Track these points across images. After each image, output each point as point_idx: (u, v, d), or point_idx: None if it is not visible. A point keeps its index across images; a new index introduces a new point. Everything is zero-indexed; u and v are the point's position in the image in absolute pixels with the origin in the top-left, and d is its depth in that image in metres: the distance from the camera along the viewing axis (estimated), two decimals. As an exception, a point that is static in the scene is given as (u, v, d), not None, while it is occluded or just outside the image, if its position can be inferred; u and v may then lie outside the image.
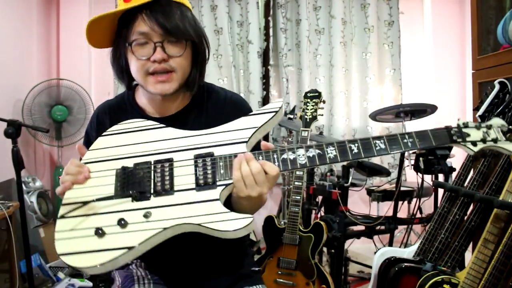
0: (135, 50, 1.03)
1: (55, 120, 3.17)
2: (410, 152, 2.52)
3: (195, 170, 0.94)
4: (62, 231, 0.88)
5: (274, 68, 3.75)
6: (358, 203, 3.46)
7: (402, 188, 2.53)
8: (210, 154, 0.95)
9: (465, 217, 1.63)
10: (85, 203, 0.92)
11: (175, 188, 0.93)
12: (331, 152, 0.90)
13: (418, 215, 2.51)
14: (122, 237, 0.86)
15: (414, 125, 3.08)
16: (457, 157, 2.52)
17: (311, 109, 2.14)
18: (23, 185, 2.44)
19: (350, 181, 2.26)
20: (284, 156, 0.91)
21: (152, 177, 0.94)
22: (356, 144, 0.90)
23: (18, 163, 2.12)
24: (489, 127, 0.93)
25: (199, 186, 0.92)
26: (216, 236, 0.87)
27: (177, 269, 1.11)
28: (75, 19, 3.52)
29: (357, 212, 2.43)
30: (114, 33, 1.09)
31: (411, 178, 2.98)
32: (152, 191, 0.93)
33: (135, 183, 0.93)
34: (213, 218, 0.87)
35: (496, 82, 1.63)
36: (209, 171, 0.93)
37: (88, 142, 1.12)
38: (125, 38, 1.04)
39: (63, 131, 3.23)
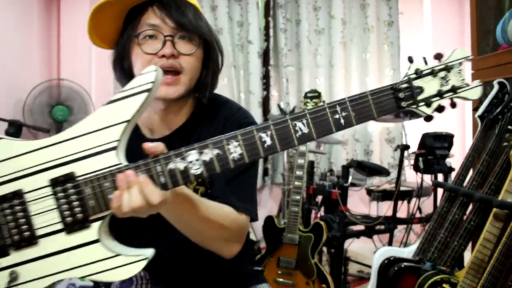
0: (141, 43, 0.94)
1: (56, 120, 3.17)
2: (410, 152, 2.53)
3: (57, 203, 0.70)
4: None
5: (274, 68, 3.76)
6: (357, 203, 3.47)
7: (401, 188, 2.53)
8: (71, 176, 0.70)
9: (465, 217, 1.63)
10: None
11: (37, 232, 0.70)
12: (235, 150, 0.67)
13: (418, 215, 2.52)
14: None
15: (414, 125, 3.09)
16: (456, 157, 2.53)
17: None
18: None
19: (349, 181, 2.27)
20: (171, 166, 0.67)
21: (2, 223, 0.71)
22: (269, 132, 0.67)
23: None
24: (449, 69, 0.69)
25: (67, 226, 0.70)
26: None
27: (177, 272, 1.09)
28: (75, 19, 3.52)
29: (356, 212, 2.44)
30: (118, 31, 1.00)
31: (411, 178, 2.99)
32: (8, 242, 0.70)
33: None
34: (96, 267, 0.68)
35: (495, 82, 1.63)
36: (75, 203, 0.70)
37: None
38: (132, 31, 0.96)
39: (63, 131, 3.23)
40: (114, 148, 0.70)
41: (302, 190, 2.08)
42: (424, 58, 0.71)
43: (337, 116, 0.67)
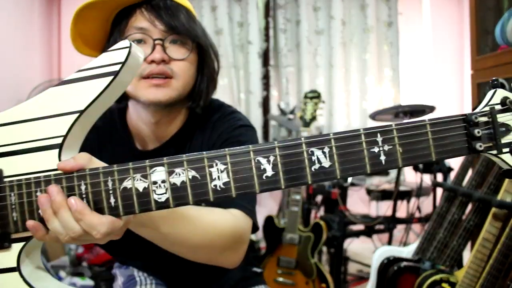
0: None
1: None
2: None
3: None
4: None
5: (274, 68, 3.76)
6: (357, 202, 3.47)
7: (401, 188, 2.54)
8: None
9: (464, 217, 1.64)
10: None
11: None
12: (219, 176, 0.48)
13: (417, 215, 2.53)
14: None
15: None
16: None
17: (310, 110, 2.15)
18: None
19: (349, 180, 2.27)
20: (127, 183, 0.49)
21: None
22: (272, 157, 0.48)
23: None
24: None
25: None
26: None
27: (178, 273, 1.07)
28: (75, 19, 3.52)
29: (356, 211, 2.44)
30: (105, 37, 0.92)
31: (410, 177, 2.99)
32: None
33: None
34: None
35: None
36: None
37: None
38: (118, 36, 0.87)
39: None
40: (56, 146, 0.52)
41: (302, 190, 2.09)
42: (494, 80, 0.49)
43: (375, 150, 0.46)
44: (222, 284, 1.09)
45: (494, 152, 0.46)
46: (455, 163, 2.08)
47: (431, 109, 2.70)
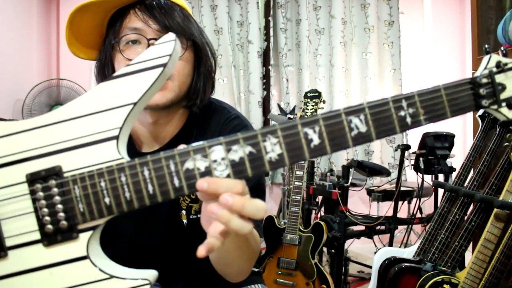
0: (123, 49, 0.85)
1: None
2: (410, 152, 2.52)
3: (34, 205, 0.55)
4: None
5: (274, 68, 3.75)
6: (358, 203, 3.47)
7: (402, 188, 2.53)
8: (55, 171, 0.55)
9: (465, 217, 1.63)
10: None
11: (7, 242, 0.55)
12: (273, 148, 0.53)
13: (418, 215, 2.51)
14: None
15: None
16: (457, 157, 2.52)
17: (311, 109, 2.14)
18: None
19: (350, 181, 2.26)
20: (189, 164, 0.53)
21: None
22: (317, 128, 0.53)
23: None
24: None
25: (47, 236, 0.55)
26: None
27: (175, 273, 1.05)
28: (75, 19, 3.52)
29: (357, 212, 2.43)
30: (101, 39, 0.91)
31: (411, 178, 2.98)
32: None
33: None
34: None
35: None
36: (58, 207, 0.55)
37: None
38: (113, 37, 0.87)
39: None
40: (114, 138, 0.55)
41: (302, 190, 2.08)
42: (503, 50, 0.62)
43: (402, 113, 0.54)
44: (218, 284, 1.09)
45: (495, 107, 0.55)
46: (456, 163, 2.06)
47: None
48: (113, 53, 0.88)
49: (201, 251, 0.53)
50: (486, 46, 0.53)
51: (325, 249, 2.50)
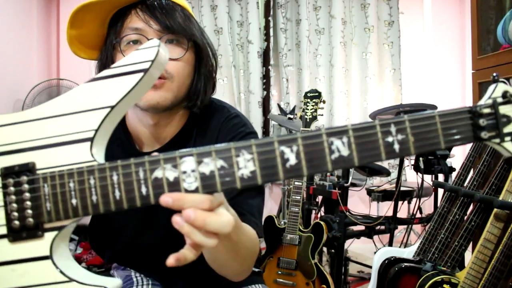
0: (124, 50, 0.85)
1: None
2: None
3: (4, 200, 0.56)
4: None
5: (274, 68, 3.75)
6: (358, 203, 3.47)
7: (402, 188, 2.53)
8: (29, 168, 0.55)
9: (465, 217, 1.63)
10: None
11: None
12: (246, 165, 0.51)
13: (418, 215, 2.51)
14: None
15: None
16: (457, 157, 2.52)
17: (311, 109, 2.14)
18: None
19: (350, 181, 2.26)
20: (158, 173, 0.52)
21: None
22: (295, 147, 0.50)
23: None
24: None
25: (13, 233, 0.55)
26: None
27: (175, 273, 1.07)
28: (75, 19, 3.52)
29: (357, 212, 2.43)
30: (102, 39, 0.91)
31: (411, 178, 2.98)
32: None
33: None
34: None
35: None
36: (27, 204, 0.55)
37: None
38: (114, 37, 0.87)
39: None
40: (88, 140, 0.55)
41: (302, 190, 2.08)
42: (496, 76, 0.56)
43: (390, 139, 0.50)
44: (218, 284, 1.09)
45: (497, 140, 0.50)
46: (456, 163, 2.06)
47: (433, 108, 2.69)
48: (114, 53, 0.88)
49: (169, 261, 0.53)
50: (495, 74, 0.46)
51: (325, 249, 2.50)
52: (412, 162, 2.42)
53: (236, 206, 0.85)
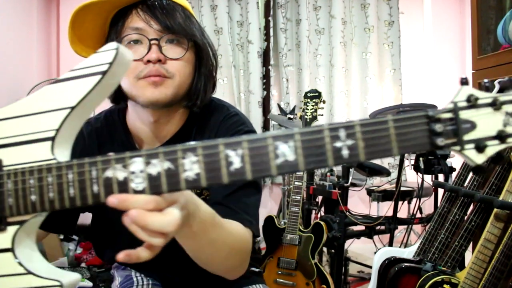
0: None
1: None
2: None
3: None
4: None
5: (274, 68, 3.75)
6: (358, 203, 3.47)
7: (402, 188, 2.53)
8: None
9: (465, 217, 1.63)
10: None
11: None
12: (191, 167, 0.51)
13: (418, 215, 2.51)
14: None
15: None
16: (457, 157, 2.52)
17: (311, 109, 2.14)
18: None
19: (350, 181, 2.26)
20: (109, 173, 0.53)
21: None
22: (240, 151, 0.50)
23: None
24: None
25: None
26: None
27: (175, 273, 1.07)
28: (75, 19, 3.52)
29: (357, 212, 2.43)
30: (103, 39, 0.93)
31: (411, 178, 2.98)
32: None
33: None
34: (8, 283, 0.56)
35: (496, 82, 1.63)
36: None
37: None
38: (115, 37, 0.88)
39: None
40: (49, 139, 0.57)
41: (302, 190, 2.08)
42: (485, 83, 0.48)
43: (339, 145, 0.47)
44: (218, 284, 1.09)
45: (458, 148, 0.47)
46: (456, 163, 2.06)
47: (433, 108, 2.69)
48: None
49: (119, 255, 0.54)
50: (463, 76, 0.41)
51: (325, 249, 2.50)
52: (412, 162, 2.42)
53: (230, 204, 0.86)
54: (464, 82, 0.49)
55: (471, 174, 1.69)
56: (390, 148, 0.47)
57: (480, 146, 0.45)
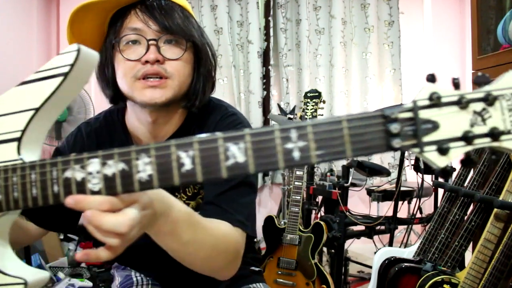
0: (123, 49, 0.86)
1: (55, 120, 3.16)
2: (410, 151, 2.52)
3: None
4: None
5: (274, 68, 3.75)
6: (358, 203, 3.47)
7: (402, 188, 2.53)
8: None
9: (465, 217, 1.63)
10: None
11: None
12: (144, 168, 0.50)
13: (418, 215, 2.51)
14: None
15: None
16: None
17: (311, 109, 2.14)
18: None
19: (350, 181, 2.26)
20: (68, 173, 0.53)
21: None
22: (191, 152, 0.49)
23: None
24: (491, 100, 0.43)
25: None
26: None
27: (173, 273, 1.07)
28: (75, 19, 3.52)
29: (357, 212, 2.43)
30: (102, 39, 0.92)
31: (411, 178, 2.98)
32: None
33: None
34: None
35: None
36: None
37: None
38: (113, 37, 0.88)
39: (63, 131, 3.22)
40: (15, 140, 0.58)
41: (302, 190, 2.08)
42: (456, 79, 0.47)
43: (290, 146, 0.46)
44: (218, 283, 1.08)
45: (416, 150, 0.43)
46: (456, 163, 2.06)
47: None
48: (113, 53, 0.89)
49: (78, 255, 0.55)
50: (429, 73, 0.47)
51: (325, 249, 2.50)
52: (412, 162, 2.42)
53: (222, 203, 0.85)
54: (429, 79, 0.46)
55: (471, 174, 1.69)
56: (343, 150, 0.45)
57: (442, 148, 0.42)
